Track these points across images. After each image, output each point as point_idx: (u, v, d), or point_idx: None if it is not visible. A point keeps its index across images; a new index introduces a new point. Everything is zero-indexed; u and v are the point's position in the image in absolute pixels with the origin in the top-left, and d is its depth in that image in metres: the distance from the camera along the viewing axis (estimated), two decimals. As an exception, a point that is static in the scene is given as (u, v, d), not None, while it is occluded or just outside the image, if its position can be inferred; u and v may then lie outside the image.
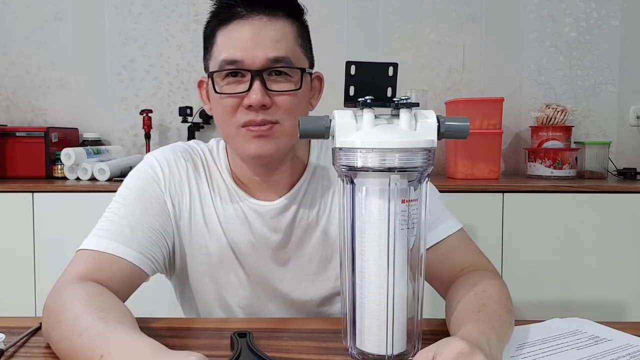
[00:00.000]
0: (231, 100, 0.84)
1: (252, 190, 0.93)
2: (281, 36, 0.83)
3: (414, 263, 0.66)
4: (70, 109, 2.31)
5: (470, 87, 2.25)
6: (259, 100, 0.81)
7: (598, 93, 2.23)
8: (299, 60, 0.86)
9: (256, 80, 0.81)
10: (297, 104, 0.85)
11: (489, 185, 1.78)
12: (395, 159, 0.61)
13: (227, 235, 0.93)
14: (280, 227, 0.93)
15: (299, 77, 0.84)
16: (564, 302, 1.73)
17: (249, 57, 0.81)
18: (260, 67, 0.82)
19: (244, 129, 0.84)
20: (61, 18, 2.29)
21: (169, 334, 0.79)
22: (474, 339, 0.60)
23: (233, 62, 0.82)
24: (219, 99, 0.85)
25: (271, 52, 0.82)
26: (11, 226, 1.78)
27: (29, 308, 1.75)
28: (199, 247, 0.93)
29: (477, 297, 0.74)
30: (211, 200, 0.93)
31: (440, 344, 0.58)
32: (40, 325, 0.80)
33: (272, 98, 0.83)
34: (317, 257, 0.95)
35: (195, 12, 2.27)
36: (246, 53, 0.81)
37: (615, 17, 2.21)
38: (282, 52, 0.82)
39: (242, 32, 0.82)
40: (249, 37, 0.82)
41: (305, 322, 0.88)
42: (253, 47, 0.81)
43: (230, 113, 0.84)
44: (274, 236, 0.93)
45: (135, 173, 0.93)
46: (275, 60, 0.82)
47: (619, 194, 1.73)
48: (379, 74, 0.65)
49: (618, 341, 0.73)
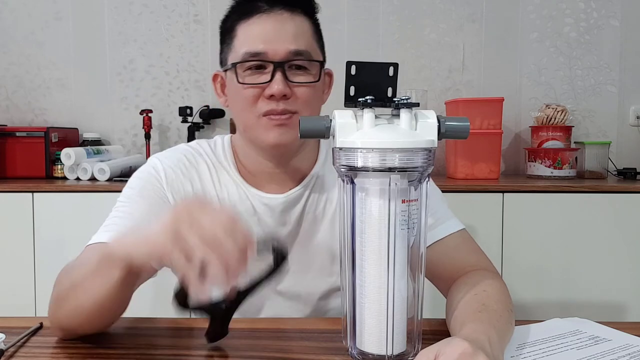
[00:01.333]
0: (253, 90, 0.87)
1: (262, 184, 0.95)
2: (301, 31, 0.88)
3: (414, 263, 0.66)
4: (70, 109, 2.31)
5: (470, 87, 2.25)
6: (280, 91, 0.84)
7: (598, 93, 2.23)
8: (316, 54, 0.90)
9: (278, 72, 0.85)
10: (314, 96, 0.89)
11: (489, 185, 1.78)
12: (396, 159, 0.61)
13: None
14: (289, 219, 0.94)
15: (318, 70, 0.89)
16: (564, 302, 1.73)
17: (271, 49, 0.85)
18: (282, 59, 0.85)
19: (265, 118, 0.87)
20: (61, 18, 2.29)
21: (168, 333, 0.79)
22: (476, 340, 0.60)
23: (256, 54, 0.86)
24: (241, 90, 0.88)
25: (292, 45, 0.86)
26: (11, 226, 1.78)
27: (29, 308, 1.75)
28: None
29: (477, 297, 0.75)
30: (217, 199, 0.94)
31: (442, 344, 0.58)
32: (41, 325, 0.80)
33: (292, 89, 0.86)
34: (325, 250, 0.95)
35: (195, 12, 2.27)
36: (269, 46, 0.85)
37: (615, 17, 2.21)
38: (302, 46, 0.87)
39: (264, 26, 0.86)
40: (272, 30, 0.86)
41: (305, 322, 0.88)
42: (275, 40, 0.85)
43: (252, 103, 0.87)
44: (283, 229, 0.94)
45: (138, 174, 0.95)
46: (296, 53, 0.86)
47: (618, 194, 1.73)
48: (379, 74, 0.65)
49: (618, 341, 0.73)
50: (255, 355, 0.70)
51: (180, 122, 2.21)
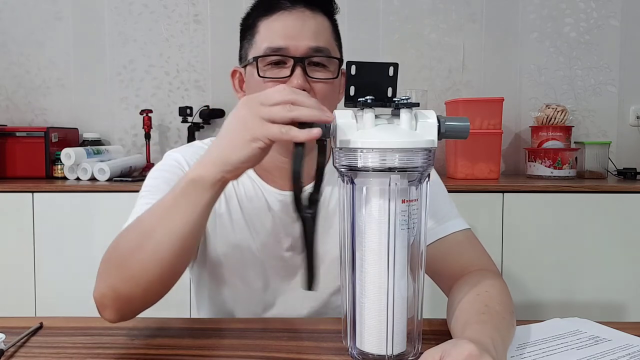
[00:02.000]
0: (273, 84, 0.88)
1: (277, 180, 0.95)
2: (321, 29, 0.90)
3: (414, 263, 0.66)
4: (70, 109, 2.31)
5: (470, 87, 2.25)
6: (300, 85, 0.85)
7: (598, 93, 2.23)
8: (335, 52, 0.92)
9: (298, 67, 0.86)
10: (332, 93, 0.91)
11: (489, 185, 1.78)
12: (396, 159, 0.61)
13: (251, 227, 0.95)
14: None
15: (336, 67, 0.91)
16: (565, 302, 1.73)
17: (292, 45, 0.87)
18: (303, 55, 0.87)
19: None
20: (61, 18, 2.29)
21: (169, 333, 0.79)
22: (481, 342, 0.60)
23: (277, 49, 0.87)
24: (261, 83, 0.89)
25: (312, 42, 0.87)
26: (11, 226, 1.78)
27: (29, 308, 1.75)
28: (222, 238, 0.95)
29: (480, 298, 0.74)
30: (235, 194, 0.95)
31: (447, 345, 0.58)
32: (41, 325, 0.80)
33: (311, 84, 0.88)
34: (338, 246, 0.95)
35: (195, 12, 2.27)
36: (290, 41, 0.87)
37: (615, 17, 2.21)
38: (322, 43, 0.89)
39: (286, 22, 0.88)
40: (293, 27, 0.88)
41: (305, 322, 0.88)
42: (297, 36, 0.87)
43: None
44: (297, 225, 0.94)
45: (158, 167, 0.95)
46: (317, 49, 0.88)
47: (618, 194, 1.73)
48: (379, 74, 0.65)
49: (618, 341, 0.73)
50: (255, 355, 0.70)
51: (180, 122, 2.21)
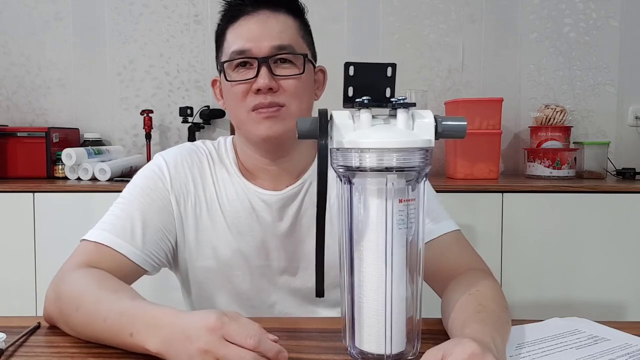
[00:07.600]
0: (241, 86, 0.90)
1: (261, 180, 0.97)
2: (284, 28, 0.91)
3: (413, 262, 0.67)
4: (71, 109, 2.31)
5: (470, 88, 2.25)
6: (266, 84, 0.88)
7: (597, 93, 2.23)
8: (301, 49, 0.93)
9: (263, 67, 0.89)
10: (302, 88, 0.92)
11: (488, 185, 1.78)
12: (393, 158, 0.61)
13: (233, 229, 0.96)
14: (287, 216, 0.96)
15: (302, 63, 0.92)
16: (564, 302, 1.73)
17: (255, 46, 0.89)
18: (266, 55, 0.89)
19: (254, 112, 0.90)
20: (61, 18, 2.29)
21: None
22: (483, 340, 0.60)
23: (242, 52, 0.90)
24: (230, 87, 0.92)
25: (275, 41, 0.90)
26: (12, 226, 1.79)
27: (29, 308, 1.76)
28: (205, 243, 0.96)
29: (473, 297, 0.75)
30: (216, 197, 0.96)
31: (449, 344, 0.58)
32: (39, 325, 0.80)
33: (278, 82, 0.90)
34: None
35: (195, 13, 2.27)
36: (253, 43, 0.89)
37: (615, 17, 2.21)
38: (285, 41, 0.90)
39: (249, 26, 0.91)
40: (255, 29, 0.90)
41: (305, 321, 0.88)
42: (259, 37, 0.90)
43: (241, 99, 0.91)
44: (281, 225, 0.96)
45: (142, 172, 0.98)
46: (280, 48, 0.90)
47: (617, 194, 1.73)
48: (377, 75, 0.65)
49: (617, 341, 0.73)
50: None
51: (180, 122, 2.21)
